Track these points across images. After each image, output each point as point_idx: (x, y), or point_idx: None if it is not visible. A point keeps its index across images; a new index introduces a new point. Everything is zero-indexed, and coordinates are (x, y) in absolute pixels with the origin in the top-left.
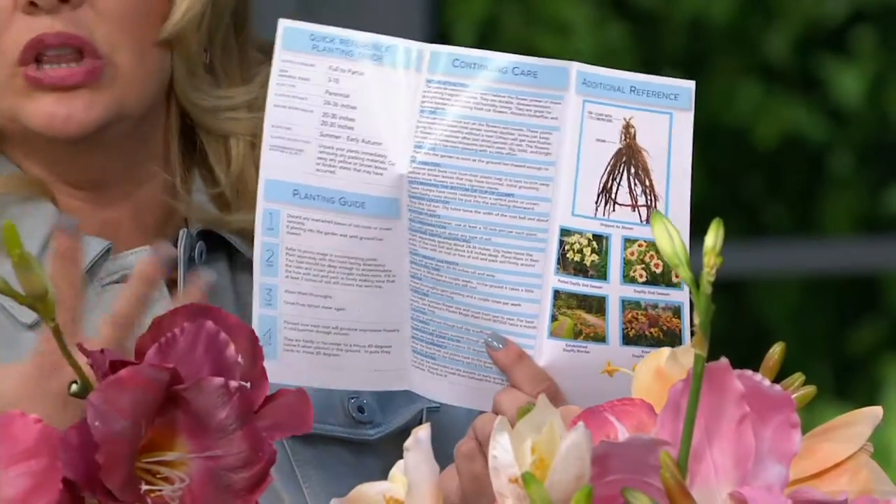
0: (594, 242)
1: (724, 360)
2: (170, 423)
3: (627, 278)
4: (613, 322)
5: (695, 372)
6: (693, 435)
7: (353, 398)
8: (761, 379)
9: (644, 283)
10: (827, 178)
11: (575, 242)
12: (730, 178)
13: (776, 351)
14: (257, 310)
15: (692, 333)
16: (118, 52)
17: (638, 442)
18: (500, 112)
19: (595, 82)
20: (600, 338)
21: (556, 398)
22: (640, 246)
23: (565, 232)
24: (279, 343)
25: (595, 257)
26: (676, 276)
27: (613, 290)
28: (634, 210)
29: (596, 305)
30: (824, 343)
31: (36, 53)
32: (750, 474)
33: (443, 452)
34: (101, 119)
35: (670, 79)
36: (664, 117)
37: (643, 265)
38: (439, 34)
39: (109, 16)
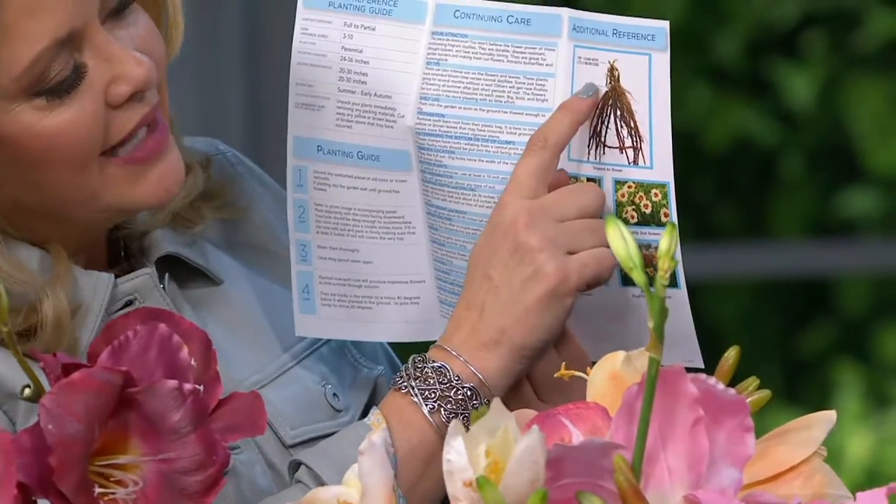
0: None
1: (678, 364)
2: (123, 427)
3: (620, 220)
4: None
5: (649, 375)
6: (647, 438)
7: (325, 385)
8: (715, 383)
9: (636, 224)
10: (777, 181)
11: None
12: (680, 181)
13: (731, 355)
14: (294, 266)
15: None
16: (161, 94)
17: (592, 445)
18: (497, 61)
19: (583, 27)
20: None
21: None
22: (629, 187)
23: None
24: (317, 298)
25: None
26: (665, 216)
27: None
28: (622, 152)
29: None
30: (774, 346)
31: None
32: (704, 478)
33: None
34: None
35: (646, 20)
36: (644, 59)
37: (633, 206)
38: None
39: (159, 64)
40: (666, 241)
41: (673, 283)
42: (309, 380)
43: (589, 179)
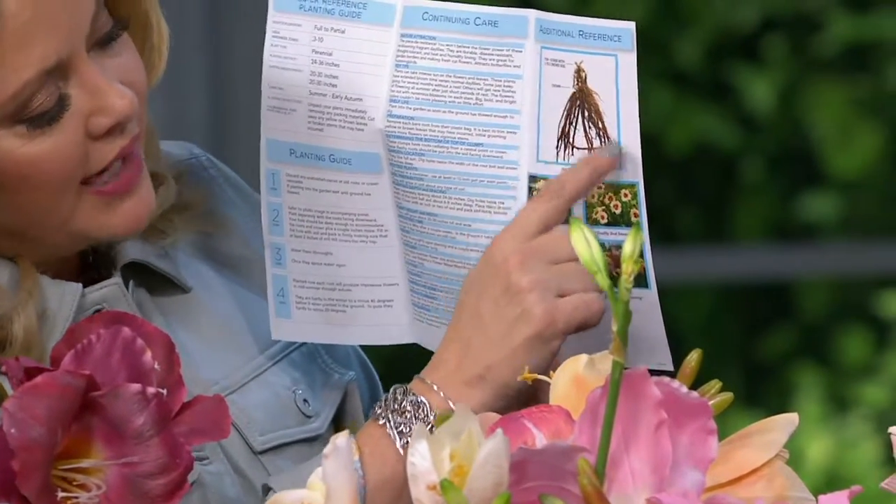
0: None
1: (642, 367)
2: (86, 430)
3: (590, 220)
4: None
5: (612, 378)
6: (611, 441)
7: (295, 391)
8: (678, 386)
9: (606, 225)
10: (738, 185)
11: (541, 188)
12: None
13: (693, 358)
14: (269, 269)
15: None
16: (140, 123)
17: (556, 449)
18: (465, 63)
19: (549, 28)
20: None
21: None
22: (598, 188)
23: (532, 178)
24: (292, 301)
25: None
26: (635, 216)
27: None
28: (591, 152)
29: None
30: (735, 349)
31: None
32: (667, 480)
33: (356, 414)
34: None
35: (612, 21)
36: (610, 59)
37: (603, 206)
38: None
39: (141, 94)
40: (630, 244)
41: (643, 283)
42: (279, 385)
43: None
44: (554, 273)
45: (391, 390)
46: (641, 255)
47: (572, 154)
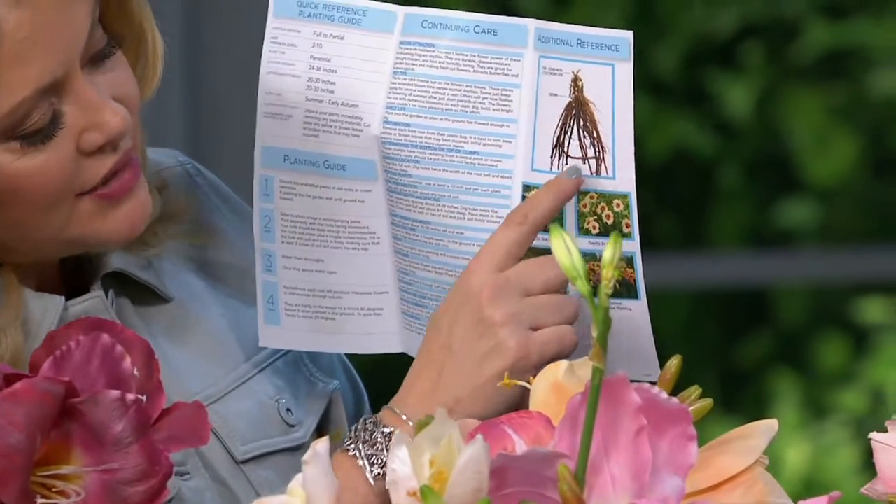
0: None
1: (621, 373)
2: (65, 437)
3: (582, 230)
4: None
5: (592, 384)
6: (591, 447)
7: (279, 400)
8: (658, 391)
9: (597, 235)
10: (716, 192)
11: None
12: None
13: (673, 364)
14: (259, 276)
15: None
16: (134, 136)
17: (536, 455)
18: (463, 71)
19: (548, 37)
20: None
21: None
22: (591, 198)
23: (526, 187)
24: (281, 308)
25: None
26: (627, 227)
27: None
28: (585, 162)
29: None
30: (713, 356)
31: None
32: (647, 486)
33: (340, 423)
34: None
35: (610, 30)
36: (607, 69)
37: (595, 217)
38: None
39: (133, 109)
40: (609, 250)
41: (633, 294)
42: (262, 394)
43: None
44: (526, 306)
45: (361, 421)
46: (632, 264)
47: (566, 163)
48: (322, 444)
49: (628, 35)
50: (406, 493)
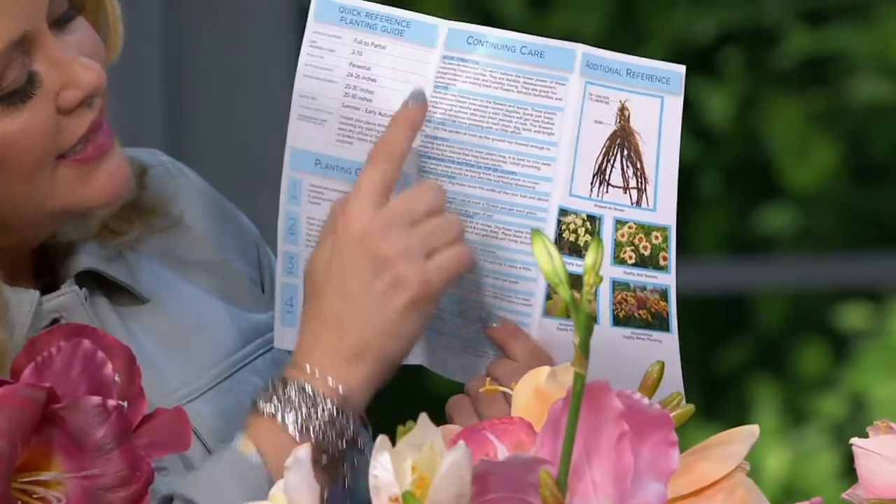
0: (588, 223)
1: (603, 379)
2: (46, 443)
3: (618, 260)
4: (604, 303)
5: (574, 390)
6: (572, 453)
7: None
8: (640, 397)
9: (633, 265)
10: (695, 198)
11: (571, 222)
12: None
13: (655, 370)
14: (280, 277)
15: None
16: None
17: (517, 460)
18: (507, 90)
19: (596, 64)
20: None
21: None
22: (629, 228)
23: (563, 212)
24: (300, 312)
25: (588, 238)
26: (664, 259)
27: (604, 271)
28: (626, 192)
29: None
30: (692, 362)
31: None
32: (628, 492)
33: None
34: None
35: (662, 62)
36: (656, 101)
37: (632, 247)
38: None
39: (103, 66)
40: (591, 255)
41: (665, 327)
42: (241, 392)
43: (589, 217)
44: (416, 235)
45: (269, 381)
46: (666, 297)
47: (606, 191)
48: (304, 450)
49: (681, 69)
50: (388, 498)
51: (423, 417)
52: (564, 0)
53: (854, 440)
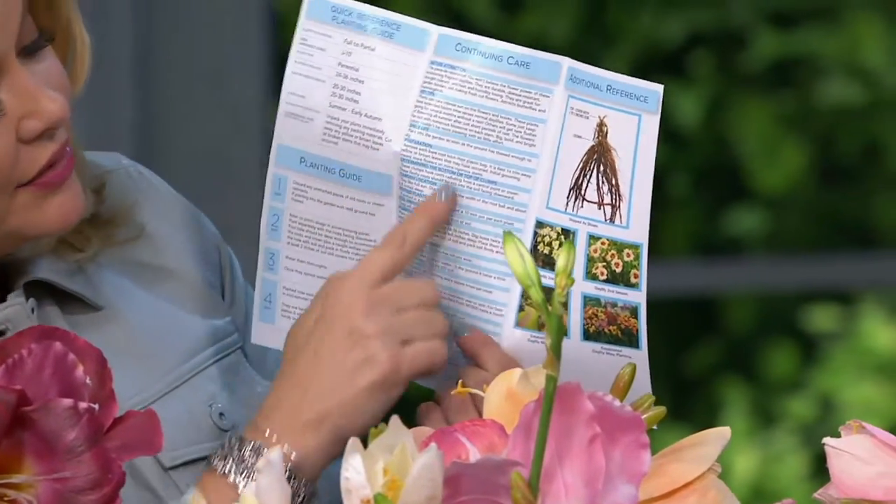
0: (563, 237)
1: (574, 381)
2: (17, 445)
3: (590, 275)
4: (575, 317)
5: (546, 392)
6: (544, 455)
7: (212, 405)
8: (611, 400)
9: (604, 281)
10: (665, 200)
11: (546, 235)
12: None
13: (626, 372)
14: (260, 272)
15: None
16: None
17: (489, 463)
18: (491, 99)
19: (579, 78)
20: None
21: None
22: (602, 244)
23: (539, 224)
24: (278, 308)
25: None
26: (635, 277)
27: (576, 285)
28: (600, 208)
29: None
30: (661, 364)
31: None
32: (600, 494)
33: None
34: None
35: (641, 80)
36: (633, 118)
37: (604, 263)
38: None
39: (67, 98)
40: (563, 258)
41: (635, 343)
42: (194, 399)
43: (564, 230)
44: (399, 321)
45: (227, 439)
46: (636, 315)
47: (582, 206)
48: (276, 453)
49: (658, 88)
50: (360, 501)
51: (395, 419)
52: (534, 2)
53: (826, 440)
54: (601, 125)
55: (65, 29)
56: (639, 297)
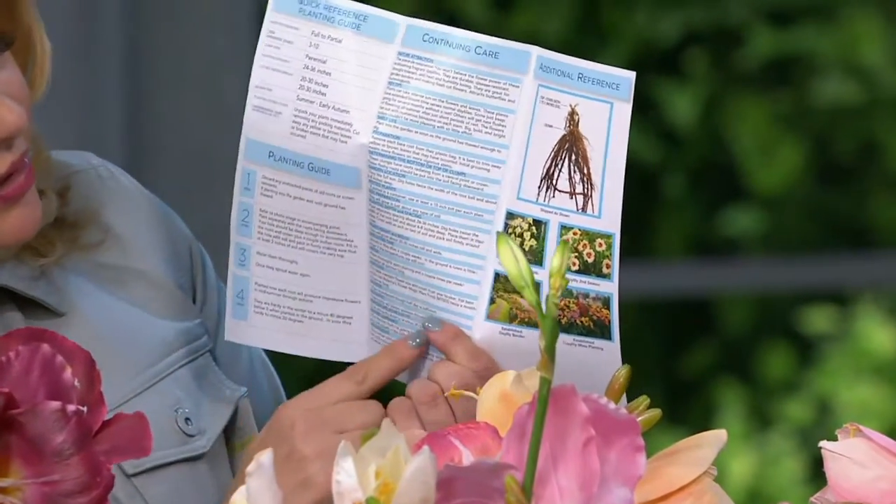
0: (534, 227)
1: (569, 383)
2: (5, 449)
3: None
4: None
5: (540, 395)
6: (538, 458)
7: (178, 409)
8: (606, 402)
9: (576, 272)
10: (660, 200)
11: (517, 226)
12: None
13: (621, 374)
14: (232, 269)
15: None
16: (26, 139)
17: (483, 466)
18: (459, 90)
19: (550, 67)
20: (534, 323)
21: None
22: (574, 234)
23: (510, 215)
24: (250, 304)
25: (533, 242)
26: (608, 267)
27: (548, 276)
28: (572, 198)
29: None
30: (657, 366)
31: None
32: (595, 497)
33: (250, 431)
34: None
35: (612, 68)
36: (605, 106)
37: (576, 253)
38: None
39: (26, 106)
40: (557, 259)
41: (607, 335)
42: (158, 405)
43: (535, 221)
44: (338, 442)
45: None
46: (608, 305)
47: (553, 196)
48: (266, 456)
49: (630, 75)
50: None
51: (387, 423)
52: (528, 1)
53: (823, 443)
54: (572, 114)
55: (24, 34)
56: (611, 288)
